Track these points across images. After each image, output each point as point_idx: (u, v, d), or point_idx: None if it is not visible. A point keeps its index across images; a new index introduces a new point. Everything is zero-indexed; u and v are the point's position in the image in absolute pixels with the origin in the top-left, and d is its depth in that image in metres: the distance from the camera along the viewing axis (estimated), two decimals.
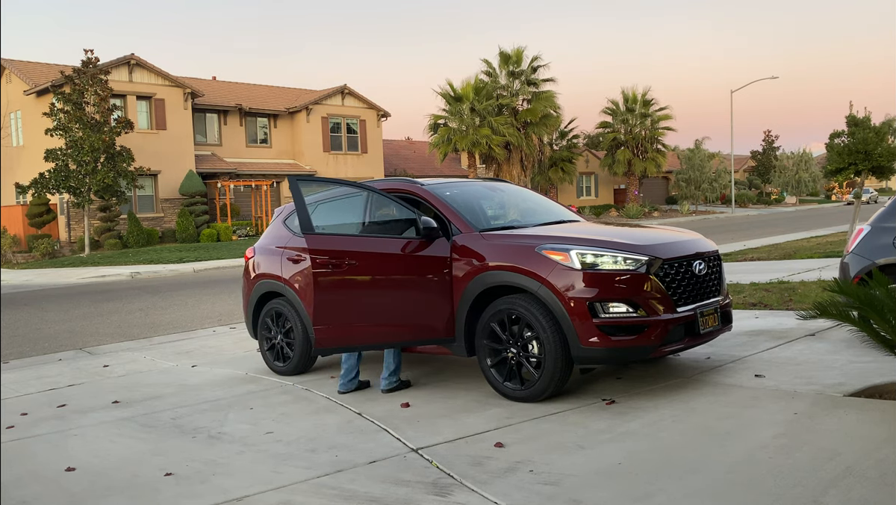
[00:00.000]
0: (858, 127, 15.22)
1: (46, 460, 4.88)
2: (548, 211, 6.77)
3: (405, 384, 6.17)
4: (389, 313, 6.14)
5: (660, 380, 5.81)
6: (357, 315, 5.68)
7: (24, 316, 12.98)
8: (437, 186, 6.34)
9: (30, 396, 6.76)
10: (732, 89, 50.81)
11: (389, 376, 6.08)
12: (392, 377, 6.10)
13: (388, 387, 6.06)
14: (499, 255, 5.54)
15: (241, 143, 36.86)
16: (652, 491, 3.70)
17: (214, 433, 5.25)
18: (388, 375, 6.08)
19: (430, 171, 45.51)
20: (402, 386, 6.15)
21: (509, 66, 40.87)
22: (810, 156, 66.77)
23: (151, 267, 22.41)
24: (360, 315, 5.69)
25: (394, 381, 6.08)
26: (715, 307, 5.62)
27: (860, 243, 6.78)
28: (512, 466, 4.19)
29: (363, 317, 5.70)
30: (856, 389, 5.13)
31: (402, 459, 4.44)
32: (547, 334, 5.19)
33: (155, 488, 4.24)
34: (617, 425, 4.76)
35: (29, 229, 30.10)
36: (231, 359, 7.97)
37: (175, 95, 32.92)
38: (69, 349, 9.29)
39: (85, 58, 27.91)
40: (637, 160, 49.14)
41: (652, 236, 5.76)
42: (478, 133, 38.48)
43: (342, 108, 39.82)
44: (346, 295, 5.69)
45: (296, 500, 3.94)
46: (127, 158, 27.92)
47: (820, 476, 3.71)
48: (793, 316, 7.57)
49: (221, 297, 14.19)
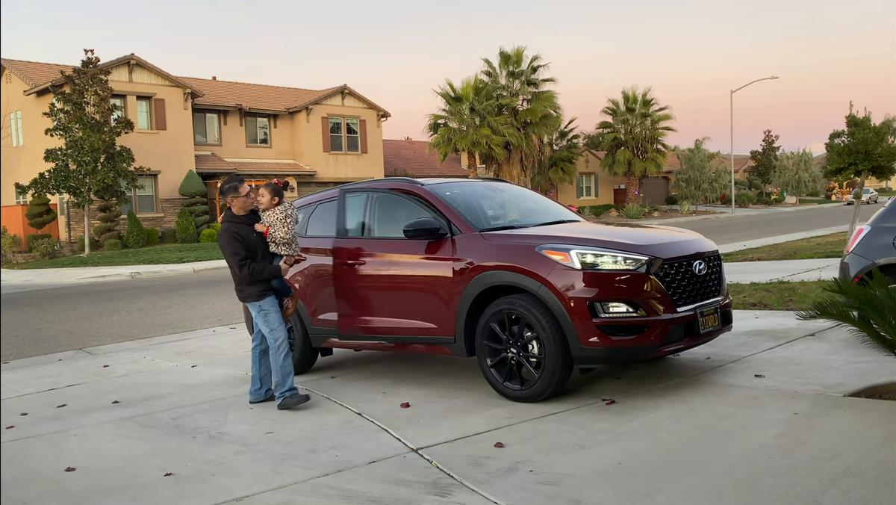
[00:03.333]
0: (858, 127, 15.21)
1: (46, 460, 4.88)
2: (548, 211, 6.77)
3: (302, 399, 5.77)
4: (390, 312, 6.17)
5: (660, 380, 5.81)
6: (365, 310, 6.30)
7: (24, 316, 12.98)
8: (437, 186, 6.34)
9: (30, 396, 6.76)
10: (732, 89, 50.83)
11: (276, 389, 5.84)
12: (259, 390, 6.03)
13: (277, 402, 5.80)
14: (499, 255, 5.54)
15: (241, 143, 36.85)
16: (652, 491, 3.70)
17: (214, 433, 5.25)
18: (275, 390, 5.85)
19: (430, 171, 45.50)
20: (293, 401, 5.74)
21: (509, 66, 40.88)
22: (810, 156, 66.79)
23: (151, 267, 22.40)
24: (366, 310, 6.29)
25: (284, 392, 5.78)
26: (715, 307, 5.62)
27: (860, 243, 6.78)
28: (512, 466, 4.18)
29: (370, 312, 6.26)
30: (856, 389, 5.13)
31: (402, 459, 4.44)
32: (547, 334, 5.19)
33: (155, 488, 4.24)
34: (617, 425, 4.76)
35: (29, 229, 30.09)
36: (231, 359, 7.97)
37: (175, 95, 32.92)
38: (69, 349, 9.29)
39: (85, 58, 27.92)
40: (637, 160, 49.14)
41: (652, 236, 5.76)
42: (478, 133, 38.48)
43: (342, 109, 39.81)
44: (356, 292, 6.35)
45: (296, 500, 3.94)
46: (127, 158, 27.92)
47: (820, 476, 3.71)
48: (793, 316, 7.57)
49: (221, 297, 14.19)
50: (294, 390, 5.83)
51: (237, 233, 5.78)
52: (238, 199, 5.87)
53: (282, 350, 5.79)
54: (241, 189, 5.88)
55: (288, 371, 5.80)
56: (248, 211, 5.94)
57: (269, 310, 5.87)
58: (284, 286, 6.10)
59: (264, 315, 5.87)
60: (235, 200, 5.87)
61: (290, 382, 5.81)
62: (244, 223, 5.88)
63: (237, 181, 5.94)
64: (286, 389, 5.78)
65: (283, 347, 5.81)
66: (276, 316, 5.87)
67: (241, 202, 5.88)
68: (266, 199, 5.96)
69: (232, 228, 5.80)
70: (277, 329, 5.84)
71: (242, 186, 5.90)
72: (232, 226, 5.82)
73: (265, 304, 5.88)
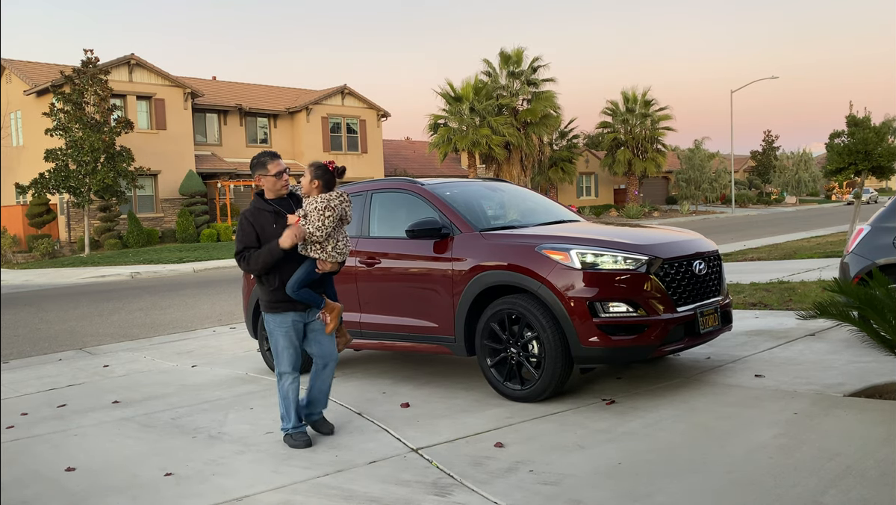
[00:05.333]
0: (858, 127, 15.21)
1: (46, 460, 4.87)
2: (548, 211, 6.77)
3: (302, 443, 4.77)
4: (390, 312, 6.17)
5: (660, 380, 5.81)
6: (365, 309, 6.33)
7: (24, 316, 12.98)
8: (437, 186, 6.34)
9: (30, 396, 6.76)
10: (732, 89, 50.86)
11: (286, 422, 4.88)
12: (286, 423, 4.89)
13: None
14: (499, 254, 5.54)
15: (241, 143, 36.86)
16: (652, 491, 3.70)
17: (214, 433, 5.25)
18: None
19: (430, 171, 45.50)
20: (299, 440, 4.79)
21: (509, 66, 40.89)
22: (810, 156, 66.78)
23: (151, 267, 22.40)
24: (366, 310, 6.33)
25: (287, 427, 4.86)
26: (715, 307, 5.62)
27: (860, 243, 6.78)
28: (512, 466, 4.18)
29: (371, 312, 6.29)
30: (856, 389, 5.13)
31: (402, 459, 4.44)
32: (547, 334, 5.19)
33: (155, 488, 4.24)
34: (617, 425, 4.76)
35: (29, 229, 30.10)
36: (231, 359, 7.97)
37: (175, 95, 32.92)
38: (69, 349, 9.28)
39: (85, 58, 27.93)
40: (637, 160, 49.14)
41: (652, 236, 5.76)
42: (478, 133, 38.48)
43: (342, 108, 39.82)
44: (356, 291, 6.36)
45: (296, 500, 3.94)
46: (127, 158, 27.93)
47: (820, 476, 3.71)
48: (793, 316, 7.57)
49: (221, 297, 14.19)
50: (299, 428, 4.84)
51: (251, 220, 4.68)
52: (267, 179, 4.72)
53: (284, 381, 4.81)
54: (269, 165, 4.71)
55: (290, 405, 4.81)
56: (282, 195, 4.78)
57: (273, 330, 4.77)
58: (314, 296, 4.78)
59: (270, 335, 4.80)
60: (264, 180, 4.73)
61: (294, 418, 4.81)
62: (268, 210, 4.71)
63: (268, 156, 4.76)
64: (291, 426, 4.82)
65: (286, 379, 4.79)
66: (284, 339, 4.75)
67: (271, 182, 4.72)
68: (306, 181, 4.71)
69: (247, 213, 4.72)
70: (281, 355, 4.78)
71: (273, 162, 4.72)
72: (248, 210, 4.75)
73: (271, 320, 4.77)
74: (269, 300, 4.75)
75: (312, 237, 4.59)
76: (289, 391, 4.80)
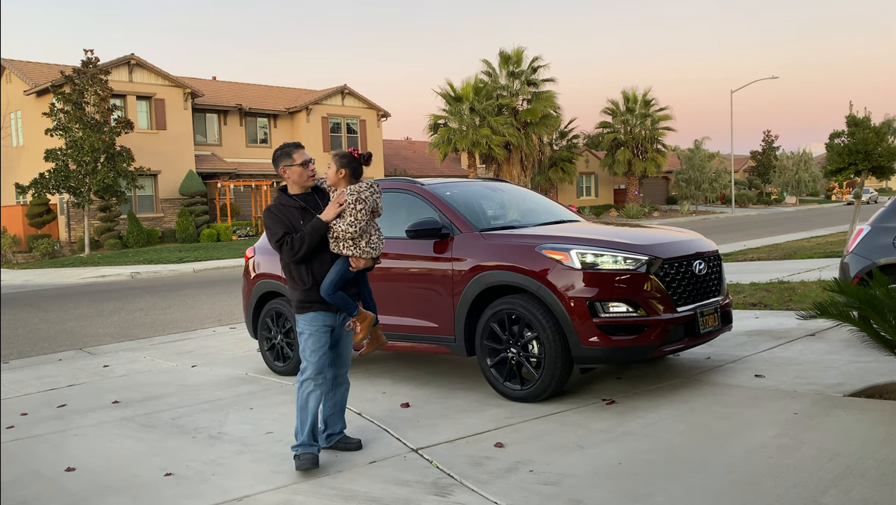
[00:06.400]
0: (858, 127, 15.22)
1: (46, 460, 4.87)
2: (548, 211, 6.77)
3: (310, 463, 4.35)
4: (390, 311, 6.16)
5: (660, 380, 5.81)
6: None
7: (24, 316, 12.98)
8: (437, 186, 6.34)
9: (30, 396, 6.76)
10: (732, 89, 50.86)
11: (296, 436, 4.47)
12: (324, 433, 4.68)
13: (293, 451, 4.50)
14: (499, 254, 5.54)
15: (241, 143, 36.86)
16: (652, 491, 3.70)
17: (214, 433, 5.25)
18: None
19: (430, 171, 45.50)
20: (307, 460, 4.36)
21: (509, 66, 40.89)
22: (810, 156, 66.78)
23: (151, 267, 22.40)
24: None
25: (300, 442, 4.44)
26: (715, 307, 5.62)
27: (860, 243, 6.79)
28: (512, 466, 4.18)
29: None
30: (856, 389, 5.13)
31: (402, 459, 4.44)
32: (547, 334, 5.19)
33: (155, 488, 4.24)
34: (617, 425, 4.76)
35: (29, 229, 30.10)
36: (231, 359, 7.97)
37: (175, 95, 32.92)
38: (69, 349, 9.28)
39: (85, 58, 27.92)
40: (637, 160, 49.14)
41: (652, 236, 5.76)
42: (478, 133, 38.49)
43: (342, 108, 39.82)
44: None
45: (296, 500, 3.94)
46: (127, 158, 27.93)
47: (820, 476, 3.71)
48: (793, 316, 7.57)
49: (221, 297, 14.19)
50: (308, 449, 4.38)
51: (278, 214, 4.32)
52: (293, 170, 4.35)
53: (304, 388, 4.39)
54: (295, 155, 4.35)
55: (306, 418, 4.38)
56: (308, 187, 4.43)
57: (303, 330, 4.41)
58: (349, 302, 4.43)
59: (300, 335, 4.44)
60: (289, 172, 4.36)
61: (307, 435, 4.37)
62: (294, 206, 4.36)
63: (292, 146, 4.41)
64: (299, 444, 4.39)
65: (308, 386, 4.38)
66: (313, 341, 4.37)
67: (297, 174, 4.36)
68: (332, 171, 4.36)
69: (272, 208, 4.37)
70: (308, 360, 4.38)
71: (298, 152, 4.37)
72: (273, 205, 4.39)
73: (301, 321, 4.42)
74: (302, 300, 4.38)
75: (346, 234, 4.26)
76: (308, 400, 4.37)
